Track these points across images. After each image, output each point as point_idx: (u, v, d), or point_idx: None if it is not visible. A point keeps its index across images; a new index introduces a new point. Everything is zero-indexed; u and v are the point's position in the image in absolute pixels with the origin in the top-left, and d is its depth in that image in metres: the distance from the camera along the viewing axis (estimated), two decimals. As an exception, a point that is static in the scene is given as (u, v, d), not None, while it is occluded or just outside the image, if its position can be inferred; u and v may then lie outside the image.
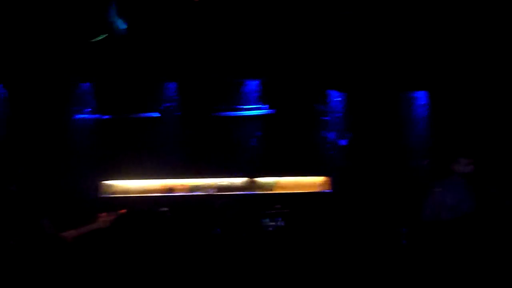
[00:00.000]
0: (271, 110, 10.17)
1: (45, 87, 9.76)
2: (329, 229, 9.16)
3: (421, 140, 10.12)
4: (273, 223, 8.54)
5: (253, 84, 10.16)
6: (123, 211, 6.92)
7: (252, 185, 10.23)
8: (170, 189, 10.04)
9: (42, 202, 6.94)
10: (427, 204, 6.60)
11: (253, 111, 10.19)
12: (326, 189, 10.22)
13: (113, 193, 10.01)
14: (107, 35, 8.39)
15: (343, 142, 10.24)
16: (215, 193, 9.95)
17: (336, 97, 10.28)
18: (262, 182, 10.27)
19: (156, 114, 10.10)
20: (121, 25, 8.47)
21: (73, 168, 9.67)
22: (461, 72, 9.57)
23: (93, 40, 8.41)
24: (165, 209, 8.53)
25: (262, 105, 10.18)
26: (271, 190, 10.24)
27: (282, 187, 10.27)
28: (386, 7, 8.58)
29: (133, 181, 10.06)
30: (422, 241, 6.70)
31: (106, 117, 10.07)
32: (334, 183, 10.21)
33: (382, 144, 10.03)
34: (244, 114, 10.19)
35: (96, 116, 10.02)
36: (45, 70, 9.47)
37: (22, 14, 8.46)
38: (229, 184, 10.22)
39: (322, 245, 8.90)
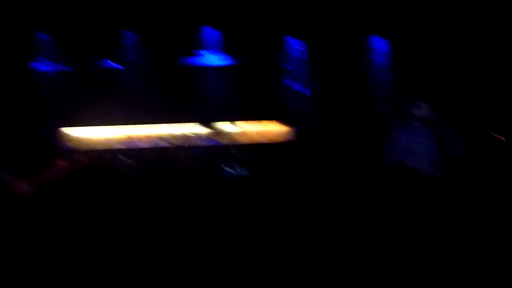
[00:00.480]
0: (233, 59, 10.17)
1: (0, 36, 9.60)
2: (293, 179, 9.35)
3: (383, 87, 10.16)
4: (237, 173, 8.62)
5: (213, 32, 10.11)
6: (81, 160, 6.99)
7: (216, 135, 10.24)
8: (130, 139, 10.06)
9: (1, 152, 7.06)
10: (388, 148, 6.72)
11: (214, 59, 10.16)
12: (289, 138, 10.27)
13: (74, 144, 9.97)
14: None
15: (304, 90, 10.26)
16: (175, 143, 9.98)
17: (296, 44, 10.27)
18: (224, 131, 10.29)
19: (117, 65, 10.07)
20: None
21: (32, 117, 9.63)
22: (424, 18, 9.58)
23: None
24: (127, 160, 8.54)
25: (223, 53, 10.15)
26: (235, 140, 10.24)
27: (244, 137, 10.29)
28: None
29: (94, 130, 10.04)
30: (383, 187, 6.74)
31: (65, 67, 10.02)
32: (296, 131, 10.26)
33: (342, 90, 10.06)
34: (206, 64, 10.19)
35: (55, 65, 9.97)
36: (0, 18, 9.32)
37: None
38: (191, 133, 10.22)
39: (286, 195, 9.03)
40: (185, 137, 10.17)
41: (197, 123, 10.18)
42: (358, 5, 9.54)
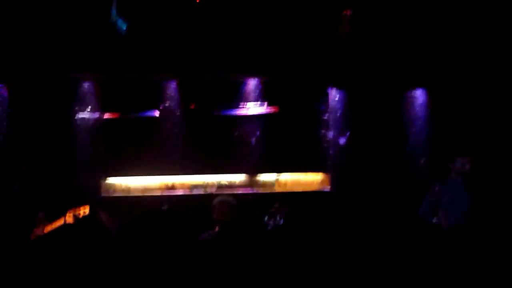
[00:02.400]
0: (271, 109, 10.28)
1: (47, 87, 9.84)
2: (328, 227, 9.41)
3: (420, 139, 10.25)
4: (272, 222, 8.62)
5: (253, 83, 10.30)
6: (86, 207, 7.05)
7: (252, 183, 10.37)
8: (171, 187, 10.22)
9: (43, 200, 7.10)
10: (424, 200, 6.84)
11: (253, 110, 10.30)
12: (325, 187, 10.38)
13: (115, 192, 10.17)
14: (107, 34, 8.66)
15: (342, 140, 10.35)
16: (215, 192, 10.02)
17: (335, 95, 10.44)
18: (262, 181, 10.41)
19: (156, 113, 10.22)
20: (122, 25, 8.70)
21: (75, 167, 9.79)
22: (460, 70, 9.68)
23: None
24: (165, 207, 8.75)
25: (262, 103, 10.29)
26: (271, 188, 10.37)
27: (282, 186, 10.41)
28: (385, 7, 8.78)
29: (134, 179, 10.20)
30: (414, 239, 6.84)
31: (107, 116, 10.17)
32: (333, 180, 10.36)
33: (381, 142, 10.17)
34: (244, 113, 10.32)
35: (97, 115, 10.13)
36: (47, 69, 9.55)
37: (24, 13, 8.59)
38: (229, 182, 10.37)
39: (321, 243, 9.06)
40: (224, 186, 10.30)
41: (236, 172, 10.32)
42: (396, 60, 9.65)
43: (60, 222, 6.86)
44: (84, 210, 7.07)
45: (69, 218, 6.91)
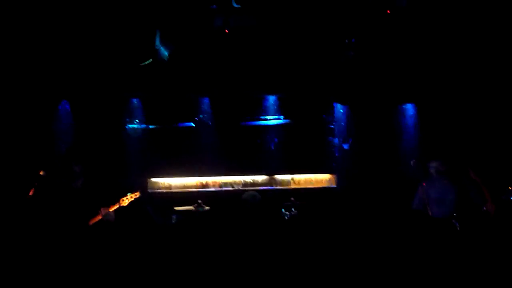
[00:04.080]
0: (287, 120, 11.08)
1: (103, 103, 10.70)
2: (334, 218, 10.25)
3: (410, 144, 10.95)
4: (289, 213, 9.37)
5: (272, 99, 11.10)
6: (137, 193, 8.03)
7: (271, 182, 11.18)
8: (205, 185, 11.10)
9: (101, 196, 7.91)
10: (416, 195, 7.63)
11: (272, 121, 11.08)
12: (332, 184, 11.21)
13: (159, 188, 11.10)
14: (152, 60, 9.47)
15: (345, 146, 11.13)
16: (241, 188, 10.93)
17: (340, 109, 11.18)
18: (279, 179, 11.21)
19: (192, 124, 11.00)
20: (164, 52, 9.60)
21: (126, 168, 10.68)
22: (441, 89, 10.50)
23: (142, 64, 9.49)
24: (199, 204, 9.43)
25: (279, 116, 11.09)
26: (287, 185, 11.16)
27: (296, 183, 11.19)
28: (382, 35, 9.67)
29: (174, 179, 11.07)
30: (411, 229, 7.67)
31: (152, 126, 10.99)
32: (338, 179, 11.15)
33: (378, 147, 10.92)
34: (265, 124, 11.10)
35: (144, 125, 10.95)
36: (102, 88, 10.44)
37: (84, 41, 9.53)
38: (253, 181, 11.16)
39: (329, 231, 10.06)
40: (248, 184, 11.13)
41: (258, 173, 11.16)
42: (389, 80, 10.45)
43: (115, 206, 7.82)
44: (135, 195, 8.03)
45: (123, 202, 7.89)
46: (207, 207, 9.45)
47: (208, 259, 8.48)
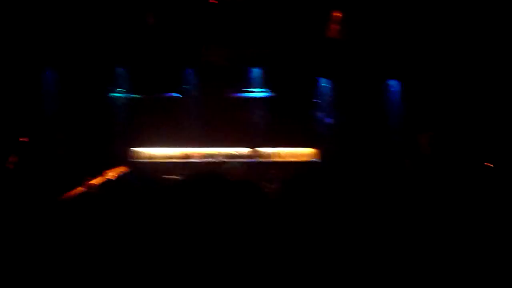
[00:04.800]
0: (272, 93, 11.22)
1: (87, 71, 10.73)
2: (317, 192, 10.59)
3: (393, 119, 11.12)
4: (270, 186, 9.18)
5: (257, 72, 11.19)
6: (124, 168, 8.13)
7: (255, 154, 11.30)
8: (187, 156, 11.18)
9: (85, 162, 8.23)
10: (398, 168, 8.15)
11: (257, 94, 11.22)
12: (315, 158, 11.31)
13: (142, 158, 11.16)
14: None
15: (329, 121, 11.27)
16: (224, 160, 11.01)
17: (325, 83, 11.31)
18: (263, 152, 11.31)
19: (177, 95, 11.14)
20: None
21: (110, 137, 10.78)
22: (425, 66, 10.61)
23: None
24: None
25: (264, 89, 11.21)
26: (270, 158, 11.26)
27: (279, 157, 11.30)
28: (369, 11, 9.95)
29: (157, 149, 11.16)
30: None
31: (137, 96, 11.11)
32: (322, 154, 11.28)
33: (361, 122, 11.06)
34: (250, 96, 11.24)
35: (129, 95, 11.07)
36: (88, 57, 10.50)
37: (75, 13, 9.76)
38: (237, 153, 11.28)
39: (311, 204, 10.26)
40: (231, 156, 11.24)
41: (241, 145, 11.26)
42: (375, 55, 10.57)
43: (102, 179, 7.61)
44: (122, 170, 8.02)
45: (108, 175, 7.70)
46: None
47: (187, 232, 8.57)
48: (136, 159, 11.14)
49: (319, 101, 11.35)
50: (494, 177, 8.66)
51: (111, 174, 7.76)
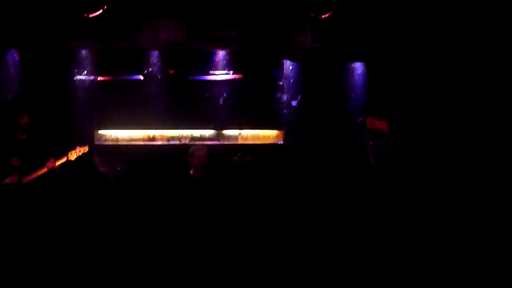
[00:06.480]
0: (236, 75, 11.15)
1: (51, 53, 10.58)
2: (281, 174, 10.67)
3: (358, 101, 11.13)
4: (234, 167, 9.72)
5: (221, 54, 11.10)
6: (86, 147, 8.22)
7: (219, 137, 11.23)
8: (152, 139, 11.09)
9: (47, 146, 8.15)
10: (352, 149, 8.20)
11: (221, 76, 11.14)
12: (280, 141, 11.35)
13: (105, 140, 11.03)
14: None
15: (294, 103, 11.28)
16: (188, 143, 10.92)
17: (289, 66, 11.29)
18: (227, 134, 11.27)
19: (140, 77, 11.01)
20: None
21: (73, 120, 10.69)
22: (390, 49, 10.68)
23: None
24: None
25: (229, 71, 11.13)
26: (235, 141, 11.25)
27: (244, 139, 11.28)
28: None
29: (122, 132, 11.02)
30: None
31: (100, 78, 10.94)
32: (286, 136, 11.30)
33: (326, 104, 11.13)
34: (213, 79, 11.15)
35: (92, 77, 10.90)
36: (51, 38, 10.28)
37: None
38: (201, 135, 11.19)
39: (275, 185, 10.31)
40: (196, 138, 11.16)
41: (206, 127, 11.19)
42: (340, 36, 10.48)
43: (63, 160, 8.02)
44: (84, 150, 8.25)
45: (71, 156, 8.07)
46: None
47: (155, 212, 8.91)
48: (100, 141, 11.03)
49: (284, 83, 11.35)
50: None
51: (73, 155, 7.98)
